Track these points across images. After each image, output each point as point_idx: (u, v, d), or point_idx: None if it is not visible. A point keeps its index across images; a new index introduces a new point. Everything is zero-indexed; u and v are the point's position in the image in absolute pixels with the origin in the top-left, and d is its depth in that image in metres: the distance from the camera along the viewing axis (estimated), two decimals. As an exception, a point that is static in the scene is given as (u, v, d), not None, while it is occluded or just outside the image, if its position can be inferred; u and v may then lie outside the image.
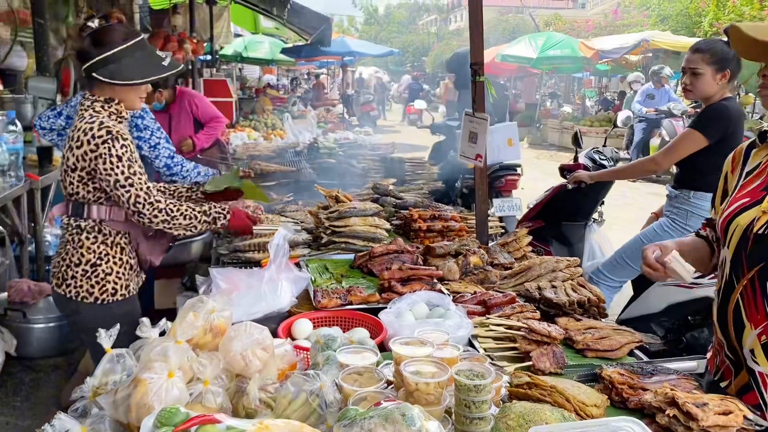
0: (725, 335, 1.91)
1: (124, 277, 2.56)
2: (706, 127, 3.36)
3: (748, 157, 1.98)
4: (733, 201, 1.91)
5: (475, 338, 2.10)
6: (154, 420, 1.11)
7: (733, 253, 1.86)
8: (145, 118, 3.48)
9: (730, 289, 1.87)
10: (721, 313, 1.92)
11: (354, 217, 3.15)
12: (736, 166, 2.02)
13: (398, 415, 1.06)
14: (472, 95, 2.99)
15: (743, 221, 1.84)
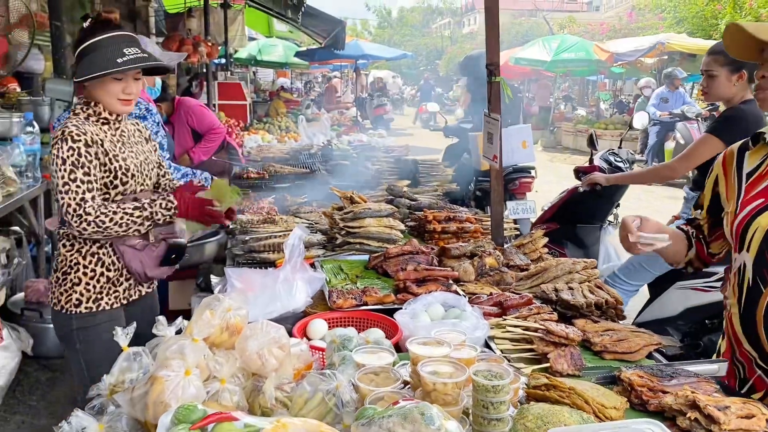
0: (756, 345, 1.87)
1: (93, 289, 2.42)
2: (722, 132, 3.31)
3: (743, 159, 1.97)
4: (745, 204, 1.89)
5: (491, 339, 2.08)
6: (171, 417, 1.11)
7: (756, 256, 1.83)
8: (147, 119, 3.48)
9: (757, 294, 1.84)
10: (747, 322, 1.88)
11: (369, 218, 3.14)
12: (729, 169, 2.00)
13: (417, 414, 1.05)
14: (487, 95, 2.97)
15: (763, 223, 1.81)
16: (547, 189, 7.95)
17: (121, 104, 2.42)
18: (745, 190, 1.91)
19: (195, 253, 4.38)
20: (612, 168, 4.60)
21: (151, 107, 3.54)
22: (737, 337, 1.93)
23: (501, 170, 3.08)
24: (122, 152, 2.44)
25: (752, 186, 1.90)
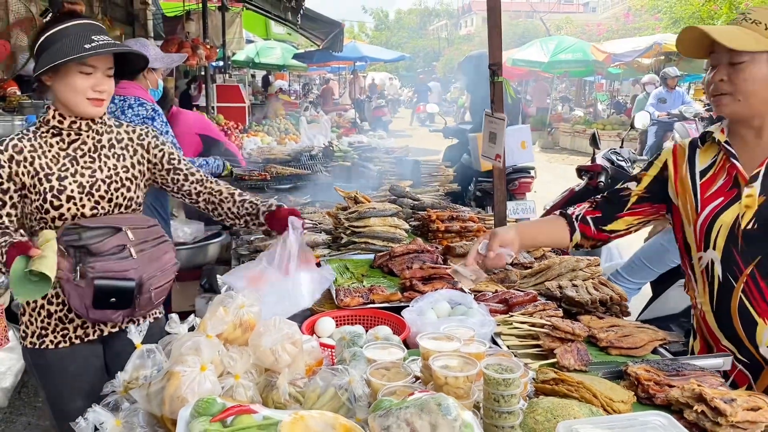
0: (734, 340, 1.93)
1: (35, 324, 2.19)
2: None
3: (695, 156, 2.03)
4: (706, 203, 1.96)
5: (498, 336, 2.10)
6: (191, 410, 1.13)
7: (723, 253, 1.90)
8: (155, 120, 3.50)
9: (729, 290, 1.91)
10: (722, 319, 1.94)
11: (373, 218, 3.16)
12: (680, 162, 2.06)
13: (434, 405, 1.07)
14: (490, 96, 3.00)
15: (727, 220, 1.89)
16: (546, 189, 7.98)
17: (92, 104, 2.09)
18: (701, 188, 1.98)
19: (198, 255, 4.41)
20: (614, 167, 4.62)
21: (157, 107, 3.56)
22: (714, 335, 1.98)
23: (504, 169, 3.10)
24: (63, 171, 2.12)
25: (708, 185, 1.97)
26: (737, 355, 1.93)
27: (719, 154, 1.98)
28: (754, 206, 1.86)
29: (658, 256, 3.76)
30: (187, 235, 4.18)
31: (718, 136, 1.98)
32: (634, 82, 18.64)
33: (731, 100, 1.85)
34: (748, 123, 1.91)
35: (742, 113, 1.88)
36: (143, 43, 3.72)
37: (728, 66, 1.83)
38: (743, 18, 1.84)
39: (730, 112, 1.89)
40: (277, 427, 1.08)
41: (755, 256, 1.85)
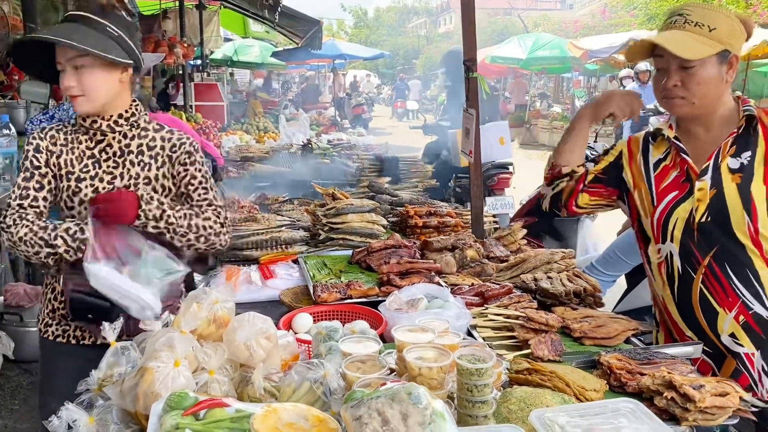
0: (697, 330, 1.99)
1: (44, 312, 2.22)
2: None
3: (648, 149, 2.11)
4: (661, 196, 2.02)
5: (474, 328, 2.12)
6: (163, 404, 1.13)
7: (680, 246, 1.97)
8: None
9: (689, 281, 1.97)
10: (684, 310, 2.00)
11: (351, 214, 3.17)
12: (635, 151, 2.14)
13: (404, 394, 1.08)
14: (465, 91, 3.02)
15: (683, 213, 1.96)
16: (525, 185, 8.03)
17: (73, 102, 2.05)
18: (655, 180, 2.05)
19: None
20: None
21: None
22: (677, 326, 2.04)
23: (479, 164, 3.12)
24: (84, 172, 2.08)
25: (661, 177, 2.04)
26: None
27: (669, 149, 2.05)
28: (705, 199, 1.92)
29: (632, 248, 3.80)
30: (165, 235, 4.15)
31: (667, 133, 2.04)
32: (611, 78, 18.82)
33: (686, 102, 1.93)
34: (697, 120, 1.98)
35: (696, 113, 1.95)
36: None
37: (680, 70, 1.89)
38: (684, 21, 1.90)
39: (683, 112, 1.97)
40: (249, 419, 1.09)
41: (711, 248, 1.92)
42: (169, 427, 1.05)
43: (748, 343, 1.91)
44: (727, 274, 1.90)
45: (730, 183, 1.91)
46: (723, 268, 1.91)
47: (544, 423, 1.35)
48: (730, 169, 1.92)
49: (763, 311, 1.90)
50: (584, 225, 4.90)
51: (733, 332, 1.91)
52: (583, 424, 1.36)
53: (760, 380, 1.91)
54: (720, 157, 1.94)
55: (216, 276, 2.69)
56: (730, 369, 1.94)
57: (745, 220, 1.87)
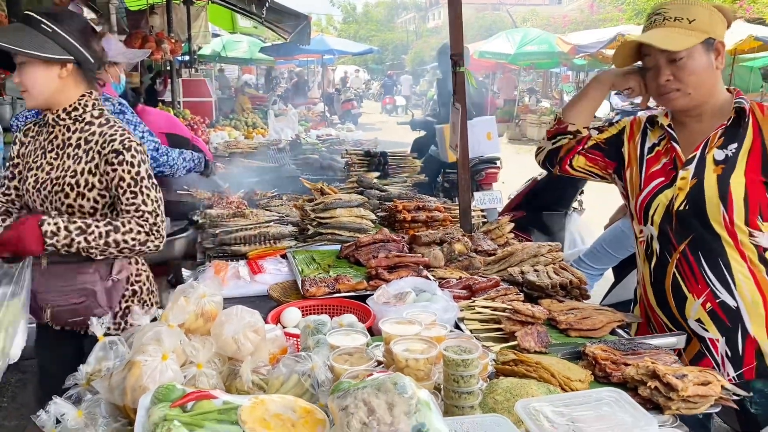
0: (667, 314, 2.06)
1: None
2: None
3: (646, 133, 2.16)
4: (647, 181, 2.08)
5: (461, 321, 2.14)
6: (151, 397, 1.14)
7: (659, 231, 2.04)
8: (126, 113, 3.47)
9: (664, 262, 2.04)
10: (658, 290, 2.08)
11: (339, 209, 3.18)
12: (635, 132, 2.19)
13: (390, 384, 1.09)
14: (453, 85, 3.03)
15: (664, 200, 2.02)
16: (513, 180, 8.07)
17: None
18: (646, 164, 2.11)
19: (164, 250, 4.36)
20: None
21: (123, 102, 3.52)
22: (651, 308, 2.13)
23: (467, 158, 3.14)
24: (34, 162, 2.21)
25: (652, 162, 2.10)
26: (669, 326, 2.07)
27: (663, 136, 2.10)
28: (686, 188, 1.97)
29: (619, 241, 3.85)
30: (153, 231, 4.14)
31: (662, 120, 2.09)
32: (600, 73, 18.88)
33: (681, 95, 1.97)
34: (692, 111, 2.02)
35: (691, 104, 1.99)
36: (105, 37, 3.66)
37: (669, 65, 1.94)
38: (663, 18, 1.95)
39: (681, 105, 2.00)
40: (237, 411, 1.10)
41: (688, 236, 1.98)
42: (157, 419, 1.05)
43: (713, 329, 1.98)
44: (699, 262, 1.96)
45: (712, 174, 1.95)
46: (696, 256, 1.97)
47: (530, 412, 1.37)
48: (714, 160, 1.96)
49: (730, 300, 1.96)
50: (572, 219, 4.94)
51: (699, 318, 1.99)
52: (568, 413, 1.38)
53: (723, 365, 1.99)
54: (707, 148, 1.98)
55: (204, 271, 2.70)
56: (694, 351, 2.02)
57: (720, 211, 1.91)
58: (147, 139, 3.51)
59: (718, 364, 1.99)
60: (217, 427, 1.06)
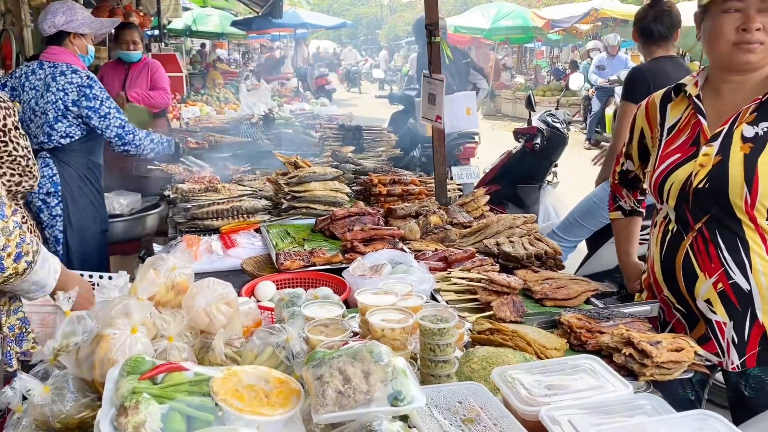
0: (674, 291, 1.97)
1: None
2: (629, 94, 3.47)
3: (666, 112, 2.03)
4: (663, 158, 1.97)
5: (437, 292, 2.13)
6: (119, 369, 1.10)
7: (676, 208, 1.93)
8: (93, 87, 3.37)
9: (678, 239, 1.93)
10: (667, 266, 1.97)
11: (314, 182, 3.14)
12: (653, 121, 2.08)
13: (366, 353, 1.08)
14: (428, 57, 2.99)
15: (680, 177, 1.90)
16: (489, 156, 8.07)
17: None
18: (665, 144, 1.99)
19: (135, 226, 4.29)
20: (549, 129, 4.72)
21: (91, 75, 3.42)
22: (657, 283, 2.03)
23: (443, 131, 3.11)
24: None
25: (671, 140, 1.98)
26: (676, 304, 1.98)
27: (688, 109, 1.96)
28: (708, 165, 1.84)
29: (591, 213, 3.88)
30: (124, 207, 4.06)
31: (690, 90, 1.95)
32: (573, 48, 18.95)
33: (764, 49, 1.77)
34: (733, 76, 1.86)
35: (762, 64, 1.80)
36: (70, 5, 3.53)
37: (761, 14, 1.74)
38: None
39: (755, 61, 1.79)
40: (208, 382, 1.07)
41: (705, 214, 1.86)
42: (126, 392, 1.02)
43: (722, 311, 1.86)
44: (716, 241, 1.85)
45: (738, 152, 1.80)
46: (713, 235, 1.85)
47: (506, 380, 1.36)
48: (743, 137, 1.81)
49: (743, 282, 1.83)
50: (546, 192, 4.97)
51: (709, 298, 1.87)
52: (545, 380, 1.38)
53: (728, 350, 1.88)
54: (737, 122, 1.84)
55: (175, 246, 2.64)
56: (699, 333, 1.92)
57: (743, 192, 1.78)
58: (114, 116, 3.42)
59: (723, 349, 1.88)
60: (188, 399, 1.03)
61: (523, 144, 4.77)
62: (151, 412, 0.99)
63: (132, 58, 5.39)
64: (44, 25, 3.42)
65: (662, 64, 3.41)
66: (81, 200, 3.45)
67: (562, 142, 4.78)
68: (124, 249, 4.26)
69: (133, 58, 5.39)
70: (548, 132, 4.68)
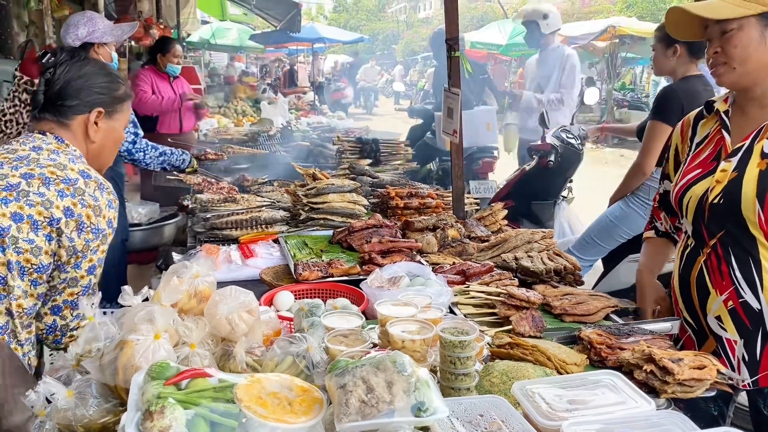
0: (687, 304, 1.98)
1: None
2: (661, 113, 3.38)
3: (696, 129, 2.06)
4: (685, 173, 1.99)
5: (455, 305, 2.12)
6: (144, 375, 1.11)
7: (693, 223, 1.95)
8: None
9: (695, 254, 1.95)
10: (683, 278, 1.99)
11: (332, 194, 3.15)
12: (685, 137, 2.11)
13: (389, 363, 1.08)
14: (447, 70, 3.00)
15: (697, 192, 1.92)
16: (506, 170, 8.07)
17: None
18: (690, 159, 2.02)
19: (154, 236, 4.33)
20: (564, 145, 4.68)
21: None
22: (675, 297, 2.05)
23: (461, 145, 3.12)
24: None
25: (696, 156, 2.00)
26: (687, 318, 1.99)
27: (715, 125, 1.98)
28: (724, 181, 1.85)
29: (607, 232, 3.83)
30: (142, 216, 4.11)
31: (719, 106, 1.98)
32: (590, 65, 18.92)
33: (727, 69, 1.85)
34: (750, 93, 1.89)
35: (741, 82, 1.87)
36: (90, 16, 3.60)
37: (720, 37, 1.83)
38: None
39: (730, 82, 1.88)
40: (232, 389, 1.08)
41: (720, 230, 1.87)
42: (151, 396, 1.03)
43: (732, 329, 1.87)
44: (728, 259, 1.86)
45: (755, 168, 1.81)
46: (726, 252, 1.86)
47: (527, 394, 1.36)
48: (762, 152, 1.82)
49: (753, 302, 1.84)
50: (561, 208, 4.94)
51: (719, 315, 1.88)
52: (565, 395, 1.37)
53: (738, 368, 1.88)
54: (758, 138, 1.85)
55: (195, 254, 2.66)
56: (709, 350, 1.92)
57: (756, 209, 1.79)
58: (127, 131, 3.47)
59: (733, 367, 1.89)
60: (212, 405, 1.04)
61: (537, 161, 4.74)
62: (176, 417, 0.99)
63: (176, 72, 5.75)
64: (68, 38, 3.48)
65: (694, 84, 3.35)
66: (104, 209, 3.49)
67: (577, 159, 4.74)
68: (142, 258, 4.30)
69: (177, 72, 5.75)
70: (562, 148, 4.63)
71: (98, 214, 1.82)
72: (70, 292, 1.82)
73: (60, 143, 1.90)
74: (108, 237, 1.88)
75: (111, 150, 2.07)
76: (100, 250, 1.86)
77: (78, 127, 1.94)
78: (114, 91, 2.00)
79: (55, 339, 1.87)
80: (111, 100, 1.99)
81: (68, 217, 1.75)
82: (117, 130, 2.04)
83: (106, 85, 1.98)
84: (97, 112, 1.94)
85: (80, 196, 1.79)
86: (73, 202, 1.77)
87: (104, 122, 1.98)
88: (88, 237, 1.80)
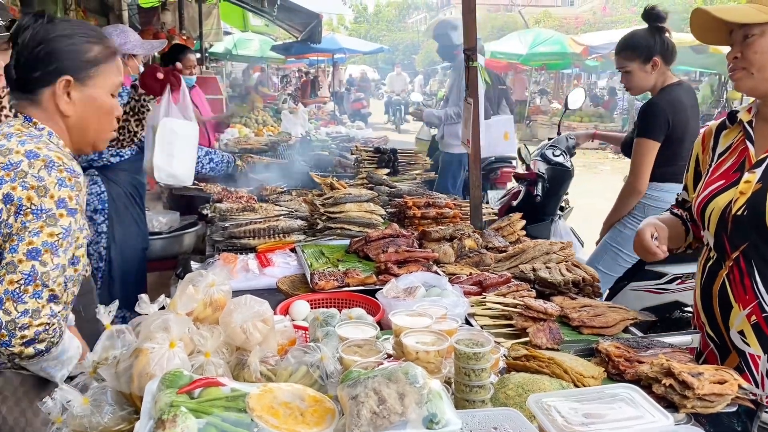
0: (709, 318, 1.95)
1: None
2: (646, 130, 3.24)
3: (719, 139, 2.03)
4: (708, 184, 1.95)
5: (471, 316, 2.11)
6: (158, 383, 1.12)
7: (714, 236, 1.91)
8: None
9: (717, 268, 1.91)
10: (705, 291, 1.95)
11: (349, 203, 3.16)
12: (707, 147, 2.07)
13: (401, 374, 1.07)
14: (465, 81, 3.00)
15: (720, 203, 1.88)
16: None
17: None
18: (712, 170, 1.98)
19: (173, 244, 4.38)
20: (552, 166, 4.37)
21: None
22: (697, 310, 2.01)
23: (479, 154, 3.11)
24: None
25: (718, 166, 1.97)
26: (710, 333, 1.95)
27: (738, 135, 1.96)
28: (748, 193, 1.82)
29: (612, 259, 3.66)
30: (163, 225, 4.15)
31: (742, 116, 1.95)
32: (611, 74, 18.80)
33: (745, 74, 1.83)
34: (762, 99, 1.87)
35: (759, 88, 1.85)
36: (122, 29, 3.68)
37: (741, 43, 1.82)
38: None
39: (747, 87, 1.86)
40: (245, 398, 1.08)
41: (743, 243, 1.84)
42: (164, 405, 1.03)
43: (755, 344, 1.84)
44: (751, 272, 1.82)
45: None
46: (749, 266, 1.83)
47: (542, 407, 1.34)
48: None
49: None
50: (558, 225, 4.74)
51: (742, 329, 1.85)
52: (582, 408, 1.35)
53: (762, 384, 1.85)
54: None
55: (213, 263, 2.68)
56: (732, 365, 1.88)
57: None
58: None
59: (757, 382, 1.85)
60: (224, 414, 1.04)
61: (525, 189, 4.55)
62: (188, 425, 1.00)
63: (191, 82, 5.65)
64: None
65: (676, 93, 3.23)
66: (125, 218, 3.54)
67: (567, 176, 4.43)
68: (161, 266, 4.34)
69: (191, 82, 5.66)
70: (550, 171, 4.32)
71: (42, 195, 1.61)
72: (10, 280, 1.57)
73: (26, 123, 1.71)
74: (60, 218, 1.63)
75: (99, 121, 1.82)
76: (45, 232, 1.61)
77: (48, 101, 1.72)
78: (84, 53, 1.74)
79: (2, 340, 1.57)
80: (80, 65, 1.73)
81: (7, 203, 1.60)
82: (98, 98, 1.78)
83: (72, 49, 1.72)
84: (65, 81, 1.71)
85: (21, 178, 1.61)
86: (12, 186, 1.60)
87: (77, 91, 1.74)
88: (26, 219, 1.60)
